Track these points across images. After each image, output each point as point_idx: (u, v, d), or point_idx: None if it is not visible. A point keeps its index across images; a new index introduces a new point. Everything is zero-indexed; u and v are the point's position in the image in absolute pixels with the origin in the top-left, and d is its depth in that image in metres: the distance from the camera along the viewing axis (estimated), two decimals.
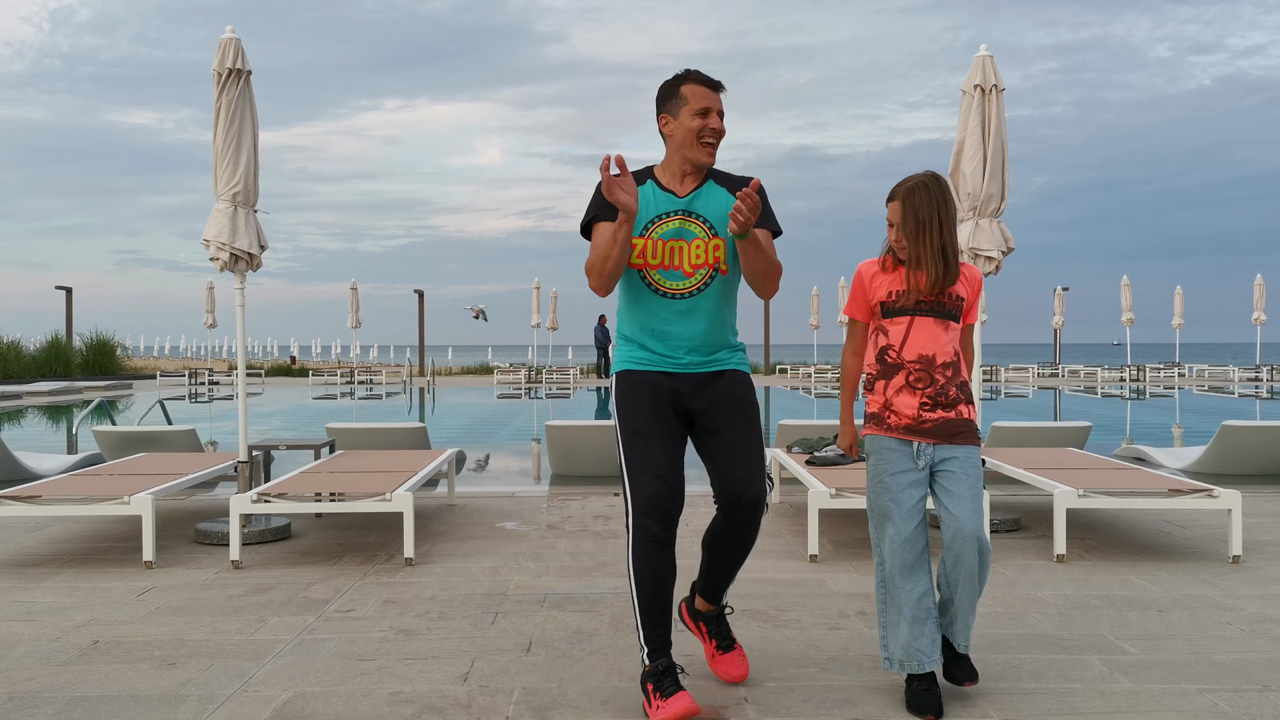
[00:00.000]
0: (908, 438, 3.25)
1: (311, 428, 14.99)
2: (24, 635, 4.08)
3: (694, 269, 3.33)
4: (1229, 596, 4.62)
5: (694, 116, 3.31)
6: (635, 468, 3.21)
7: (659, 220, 3.33)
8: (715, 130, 3.32)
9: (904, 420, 3.25)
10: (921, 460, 3.24)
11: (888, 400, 3.28)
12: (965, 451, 3.25)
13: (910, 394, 3.25)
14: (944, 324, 3.27)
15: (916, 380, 3.25)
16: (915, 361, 3.25)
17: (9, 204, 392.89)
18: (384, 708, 3.26)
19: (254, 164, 6.01)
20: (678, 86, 3.34)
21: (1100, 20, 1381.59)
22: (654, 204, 3.35)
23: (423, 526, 6.35)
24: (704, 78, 3.34)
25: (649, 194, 3.36)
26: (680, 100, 3.33)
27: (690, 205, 3.34)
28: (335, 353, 52.37)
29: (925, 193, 3.24)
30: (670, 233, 3.32)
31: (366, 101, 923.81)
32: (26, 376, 29.63)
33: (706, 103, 3.30)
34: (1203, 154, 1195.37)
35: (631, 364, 3.39)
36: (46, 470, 8.98)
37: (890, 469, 3.24)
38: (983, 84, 6.00)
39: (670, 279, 3.33)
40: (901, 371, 3.26)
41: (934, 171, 3.31)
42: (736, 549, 3.37)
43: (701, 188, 3.37)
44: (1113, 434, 13.83)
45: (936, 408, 3.24)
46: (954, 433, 3.25)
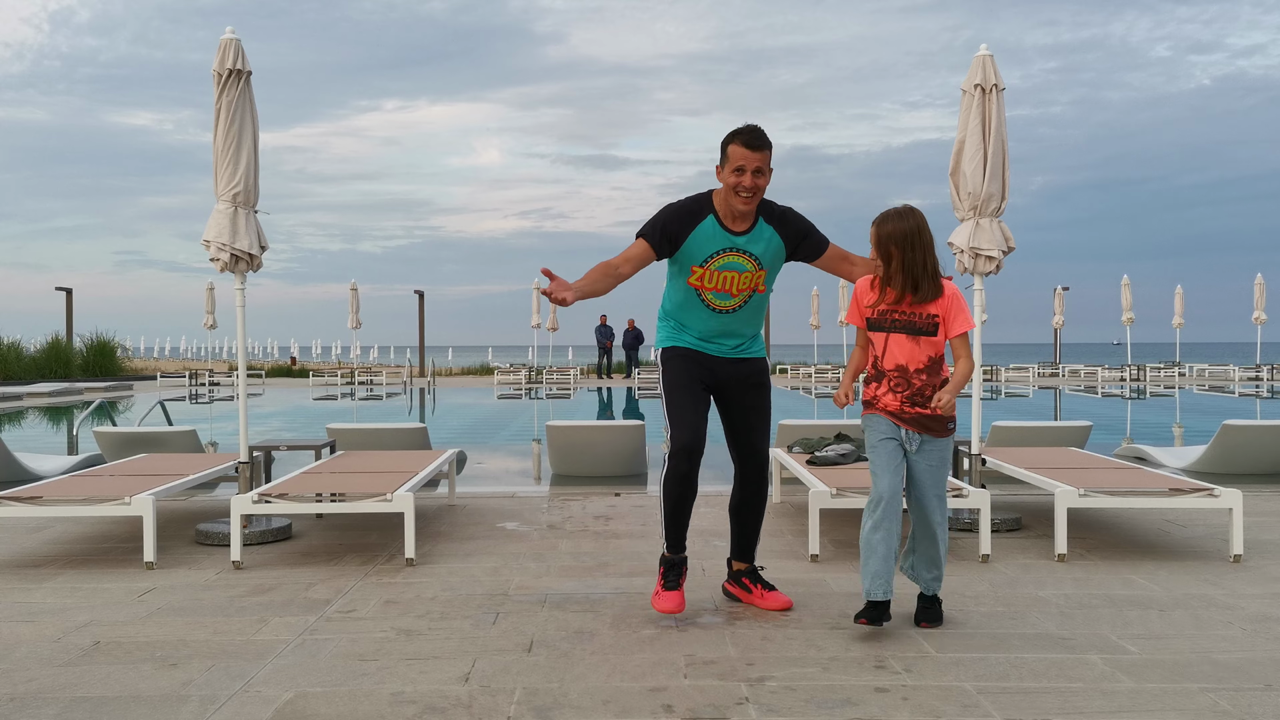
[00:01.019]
0: (894, 420, 3.96)
1: (312, 428, 14.99)
2: (25, 636, 4.08)
3: (740, 292, 4.16)
4: (1230, 596, 4.62)
5: (732, 173, 3.99)
6: (674, 418, 4.11)
7: (718, 254, 4.10)
8: (748, 187, 3.97)
9: (890, 409, 3.95)
10: (910, 444, 3.96)
11: (877, 396, 3.99)
12: (936, 444, 3.97)
13: (893, 395, 3.95)
14: (915, 339, 3.90)
15: (896, 385, 3.94)
16: (893, 370, 3.94)
17: (9, 205, 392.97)
18: (385, 708, 3.26)
19: (254, 165, 6.00)
20: (727, 144, 4.01)
21: (1099, 20, 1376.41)
22: (714, 239, 4.08)
23: (423, 527, 6.35)
24: (748, 138, 3.96)
25: (709, 229, 4.07)
26: (726, 157, 4.01)
27: (744, 245, 4.11)
28: (335, 353, 52.37)
29: (899, 221, 3.83)
30: (726, 265, 4.12)
31: (366, 102, 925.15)
32: (27, 378, 29.62)
33: (742, 161, 3.95)
34: (1203, 153, 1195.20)
35: (676, 342, 4.26)
36: (47, 471, 8.98)
37: (880, 435, 3.96)
38: (983, 83, 6.00)
39: (720, 299, 4.16)
40: (885, 378, 3.96)
41: (910, 205, 3.89)
42: (753, 511, 4.37)
43: (754, 228, 4.11)
44: (1113, 434, 13.83)
45: (914, 405, 3.92)
46: (929, 426, 3.95)
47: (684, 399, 4.12)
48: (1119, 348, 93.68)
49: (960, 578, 4.97)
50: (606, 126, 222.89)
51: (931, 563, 4.08)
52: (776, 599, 4.37)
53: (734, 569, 4.48)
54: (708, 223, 4.07)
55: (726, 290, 4.13)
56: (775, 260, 4.20)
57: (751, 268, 4.12)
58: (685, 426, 4.07)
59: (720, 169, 4.04)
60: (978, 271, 6.10)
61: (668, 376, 4.21)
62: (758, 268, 4.14)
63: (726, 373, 4.25)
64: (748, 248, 4.10)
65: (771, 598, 4.38)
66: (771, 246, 4.14)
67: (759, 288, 4.19)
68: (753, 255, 4.11)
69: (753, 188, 3.98)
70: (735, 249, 4.09)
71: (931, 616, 4.10)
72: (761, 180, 3.99)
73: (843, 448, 6.66)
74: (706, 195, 4.14)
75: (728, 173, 3.99)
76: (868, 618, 3.91)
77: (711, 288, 4.12)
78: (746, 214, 4.07)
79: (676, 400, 4.14)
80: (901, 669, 3.60)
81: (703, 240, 4.08)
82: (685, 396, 4.13)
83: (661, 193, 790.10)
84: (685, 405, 4.12)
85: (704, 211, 4.08)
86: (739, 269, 4.11)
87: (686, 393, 4.14)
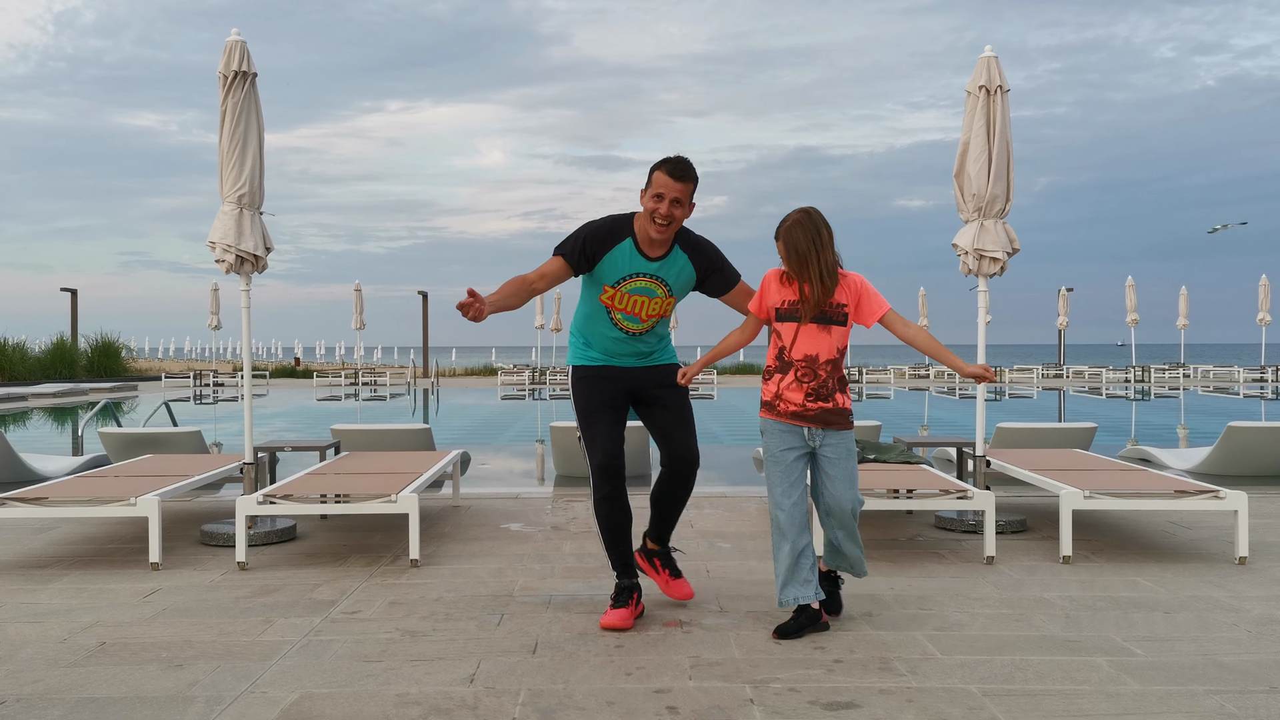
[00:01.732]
0: (794, 422, 3.97)
1: (315, 429, 15.01)
2: (31, 637, 4.09)
3: (649, 317, 4.21)
4: (1235, 598, 4.61)
5: (651, 199, 4.02)
6: (590, 443, 4.18)
7: (631, 278, 4.13)
8: (664, 215, 3.99)
9: (792, 407, 3.97)
10: (813, 441, 3.99)
11: (779, 392, 3.99)
12: (839, 437, 4.01)
13: (798, 387, 3.96)
14: (827, 329, 3.95)
15: (803, 375, 3.96)
16: (802, 360, 3.96)
17: (13, 206, 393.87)
18: (391, 709, 3.26)
19: (259, 166, 6.01)
20: (653, 170, 4.03)
21: (1103, 21, 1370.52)
22: (629, 263, 4.11)
23: (428, 528, 6.36)
24: (672, 168, 3.99)
25: (626, 252, 4.10)
26: (649, 182, 4.04)
27: (658, 271, 4.15)
28: (339, 354, 52.44)
29: (800, 230, 3.89)
30: (638, 289, 4.15)
31: (369, 103, 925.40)
32: (32, 378, 29.67)
33: (663, 189, 3.98)
34: (1207, 154, 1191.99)
35: (584, 360, 4.31)
36: (52, 472, 9.00)
37: (781, 446, 3.99)
38: (987, 85, 5.99)
39: (629, 321, 4.20)
40: (792, 369, 3.97)
41: (807, 207, 3.96)
42: (677, 500, 4.30)
43: (669, 255, 4.15)
44: (1118, 435, 13.81)
45: (818, 399, 3.96)
46: (831, 421, 3.98)
47: (597, 422, 4.17)
48: (1123, 349, 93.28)
49: (965, 579, 4.96)
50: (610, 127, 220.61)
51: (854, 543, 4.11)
52: (680, 588, 4.40)
53: (648, 546, 4.46)
54: (625, 245, 4.10)
55: (635, 314, 4.18)
56: (685, 289, 4.25)
57: (662, 294, 4.17)
58: (600, 450, 4.12)
59: (643, 192, 4.06)
60: (982, 273, 6.10)
61: (579, 401, 4.26)
62: (668, 294, 4.19)
63: (639, 381, 4.28)
64: (660, 274, 4.14)
65: (676, 585, 4.40)
66: (684, 275, 4.19)
67: (666, 313, 4.25)
68: (664, 282, 4.16)
69: (668, 216, 4.00)
70: (648, 275, 4.13)
71: (835, 607, 4.20)
72: (679, 211, 4.02)
73: None
74: (628, 217, 4.14)
75: (648, 197, 4.02)
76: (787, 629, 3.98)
77: (621, 309, 4.16)
78: (662, 241, 4.09)
79: (590, 425, 4.19)
80: (906, 671, 3.60)
81: (618, 262, 4.11)
82: (598, 420, 4.17)
83: None
84: (599, 428, 4.16)
85: (623, 234, 4.11)
86: (649, 294, 4.16)
87: (599, 416, 4.18)
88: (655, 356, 4.33)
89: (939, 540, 5.95)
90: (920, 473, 6.12)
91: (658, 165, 4.04)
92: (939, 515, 6.42)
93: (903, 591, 4.73)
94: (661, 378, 4.31)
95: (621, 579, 4.21)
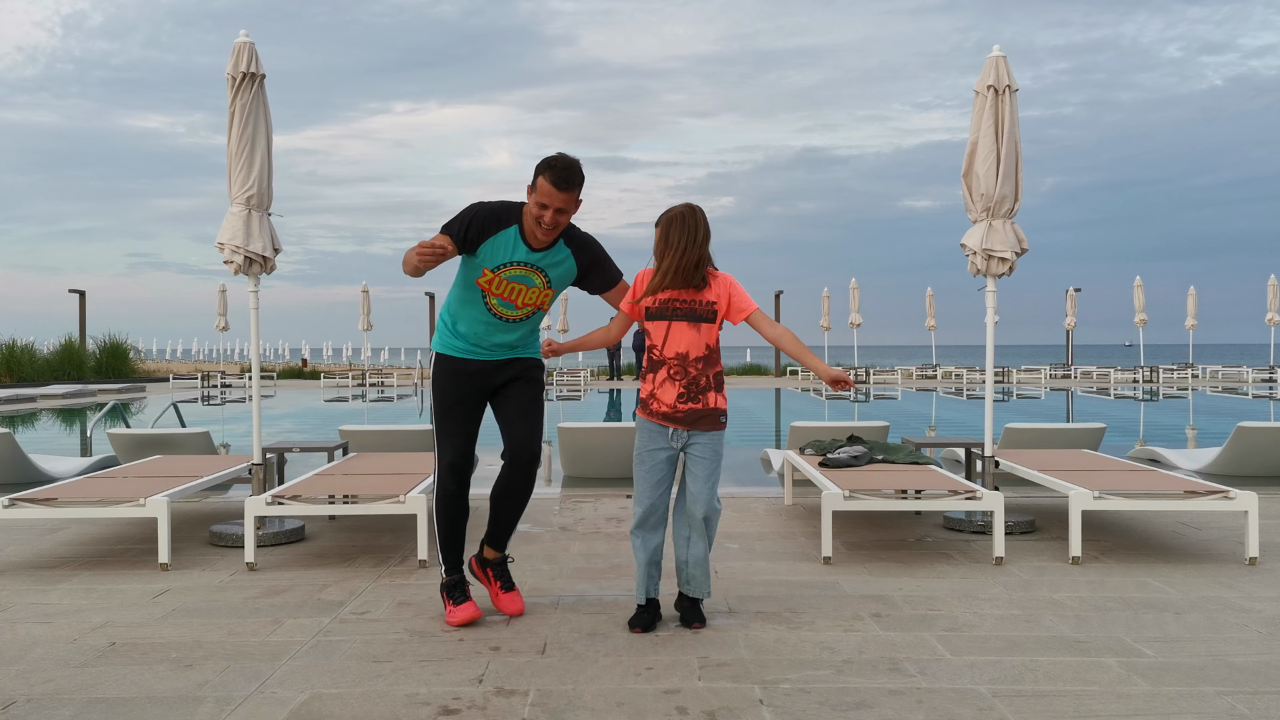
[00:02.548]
0: (664, 423, 4.02)
1: (323, 430, 15.03)
2: (41, 637, 4.10)
3: (524, 305, 4.19)
4: (1246, 599, 4.59)
5: (536, 205, 3.99)
6: (441, 440, 4.23)
7: (511, 265, 4.11)
8: (549, 223, 3.99)
9: (663, 408, 4.01)
10: (675, 441, 4.03)
11: (653, 391, 4.03)
12: (707, 437, 4.03)
13: (671, 385, 3.99)
14: (696, 326, 3.97)
15: (675, 374, 3.99)
16: (673, 358, 3.98)
17: (22, 208, 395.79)
18: (400, 709, 3.26)
19: (268, 167, 6.02)
20: (539, 173, 3.97)
21: (1110, 20, 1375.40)
22: (511, 249, 4.09)
23: None
24: (557, 176, 3.93)
25: (510, 239, 4.08)
26: (535, 185, 3.99)
27: (539, 261, 4.14)
28: (346, 355, 52.50)
29: (680, 223, 3.93)
30: (516, 276, 4.13)
31: (376, 105, 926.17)
32: (40, 380, 29.75)
33: (547, 199, 3.95)
34: (1215, 154, 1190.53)
35: (449, 349, 4.27)
36: (61, 473, 9.02)
37: (649, 445, 4.05)
38: (996, 84, 5.98)
39: (504, 308, 4.18)
40: (664, 366, 3.99)
41: (693, 204, 3.99)
42: (516, 500, 4.29)
43: (553, 247, 4.14)
44: (1126, 436, 13.77)
45: (689, 399, 3.99)
46: (699, 420, 4.01)
47: (450, 420, 4.21)
48: (1132, 349, 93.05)
49: (974, 580, 4.95)
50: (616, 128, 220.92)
51: (699, 567, 4.13)
52: (511, 602, 4.36)
53: (484, 554, 4.43)
54: (510, 232, 4.09)
55: (511, 301, 4.16)
56: (564, 281, 4.24)
57: (540, 284, 4.17)
58: (451, 447, 4.19)
59: (530, 190, 4.02)
60: (991, 273, 6.09)
61: (436, 394, 4.27)
62: (546, 285, 4.19)
63: (497, 378, 4.29)
64: (541, 264, 4.14)
65: (507, 599, 4.37)
66: (564, 268, 4.20)
67: (543, 306, 4.24)
68: (544, 273, 4.16)
69: (553, 224, 4.01)
70: (529, 265, 4.13)
71: (699, 616, 4.17)
72: (564, 218, 4.02)
73: (855, 449, 6.65)
74: (517, 205, 4.13)
75: (533, 202, 4.00)
76: (638, 624, 4.10)
77: (498, 294, 4.15)
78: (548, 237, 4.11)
79: (443, 422, 4.22)
80: (916, 671, 3.59)
81: (500, 247, 4.09)
82: (452, 418, 4.21)
83: (671, 194, 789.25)
84: (451, 426, 4.21)
85: (509, 221, 4.09)
86: (528, 283, 4.15)
87: (453, 414, 4.21)
88: (519, 349, 4.31)
89: (947, 541, 5.94)
90: (928, 473, 6.11)
91: (543, 169, 3.97)
92: (947, 516, 6.40)
93: (911, 592, 4.72)
94: (520, 370, 4.31)
95: (451, 574, 4.28)
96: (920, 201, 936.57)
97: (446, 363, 4.26)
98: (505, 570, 4.42)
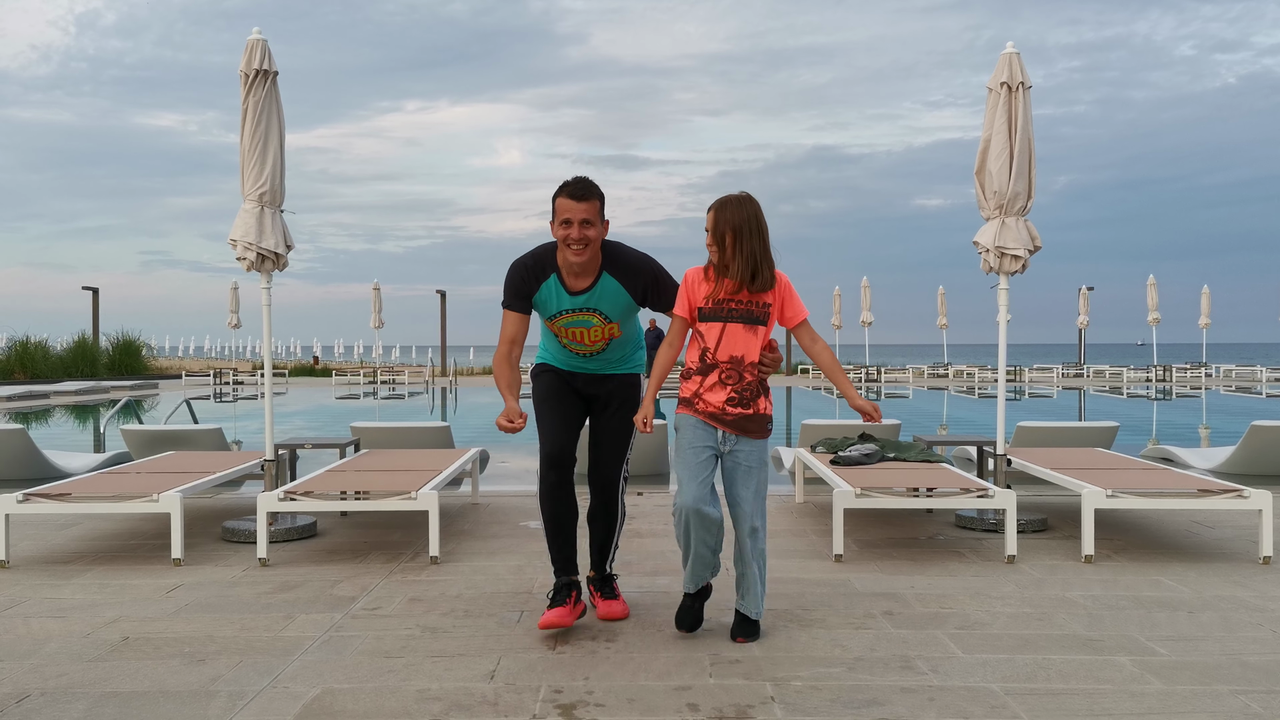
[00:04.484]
0: (710, 423, 3.81)
1: (334, 427, 15.07)
2: (55, 632, 4.12)
3: (594, 342, 4.16)
4: (1260, 598, 4.57)
5: (559, 227, 3.92)
6: (541, 429, 4.12)
7: (564, 314, 4.09)
8: (576, 239, 3.89)
9: (710, 409, 3.80)
10: (724, 445, 3.82)
11: (699, 392, 3.83)
12: (754, 445, 3.83)
13: (721, 389, 3.79)
14: (753, 329, 3.77)
15: (727, 378, 3.79)
16: (727, 362, 3.78)
17: (36, 206, 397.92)
18: (412, 704, 3.27)
19: (280, 164, 6.03)
20: (554, 198, 3.94)
21: (1123, 19, 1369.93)
22: (558, 299, 4.07)
23: (447, 525, 6.37)
24: (572, 189, 3.90)
25: (552, 289, 4.06)
26: (553, 212, 3.94)
27: (585, 304, 4.07)
28: (357, 353, 52.64)
29: (738, 207, 3.70)
30: (573, 322, 4.11)
31: (387, 103, 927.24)
32: (54, 377, 29.91)
33: (568, 214, 3.88)
34: (1228, 152, 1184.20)
35: (543, 359, 4.31)
36: (75, 469, 9.06)
37: (693, 443, 3.81)
38: (1009, 81, 5.96)
39: (575, 345, 4.18)
40: (716, 370, 3.79)
41: (748, 192, 3.77)
42: (599, 522, 4.24)
43: (597, 284, 4.04)
44: (1139, 434, 13.71)
45: (740, 404, 3.78)
46: (747, 425, 3.80)
47: (549, 410, 4.14)
48: (1144, 348, 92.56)
49: (986, 578, 4.94)
50: (627, 127, 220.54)
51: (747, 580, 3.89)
52: (607, 607, 4.22)
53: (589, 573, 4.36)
54: (550, 283, 4.05)
55: (580, 340, 4.15)
56: (626, 311, 4.12)
57: (599, 322, 4.10)
58: (549, 438, 4.07)
59: (552, 224, 3.96)
60: (1004, 271, 6.06)
61: (536, 390, 4.26)
62: (605, 321, 4.10)
63: (592, 390, 4.25)
64: (589, 305, 4.06)
65: (604, 605, 4.24)
66: (619, 301, 4.07)
67: (614, 335, 4.16)
68: (598, 311, 4.08)
69: (581, 239, 3.89)
70: (579, 309, 4.07)
71: (748, 631, 3.92)
72: (591, 231, 3.90)
73: (866, 448, 6.63)
74: (551, 249, 4.06)
75: (557, 226, 3.93)
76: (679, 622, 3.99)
77: (566, 337, 4.16)
78: (585, 267, 3.99)
79: (543, 412, 4.16)
80: (928, 669, 3.58)
81: (547, 300, 4.07)
82: (550, 408, 4.14)
83: (682, 192, 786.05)
84: (550, 416, 4.13)
85: (547, 270, 4.05)
86: (586, 325, 4.10)
87: (552, 404, 4.15)
88: (617, 365, 4.26)
89: (959, 539, 5.93)
90: (940, 471, 6.10)
91: (558, 192, 3.94)
92: (959, 514, 6.39)
93: (923, 590, 4.71)
94: (615, 387, 4.24)
95: (561, 575, 4.09)
96: (932, 200, 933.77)
97: (544, 366, 4.29)
98: (606, 583, 4.30)
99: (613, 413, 4.22)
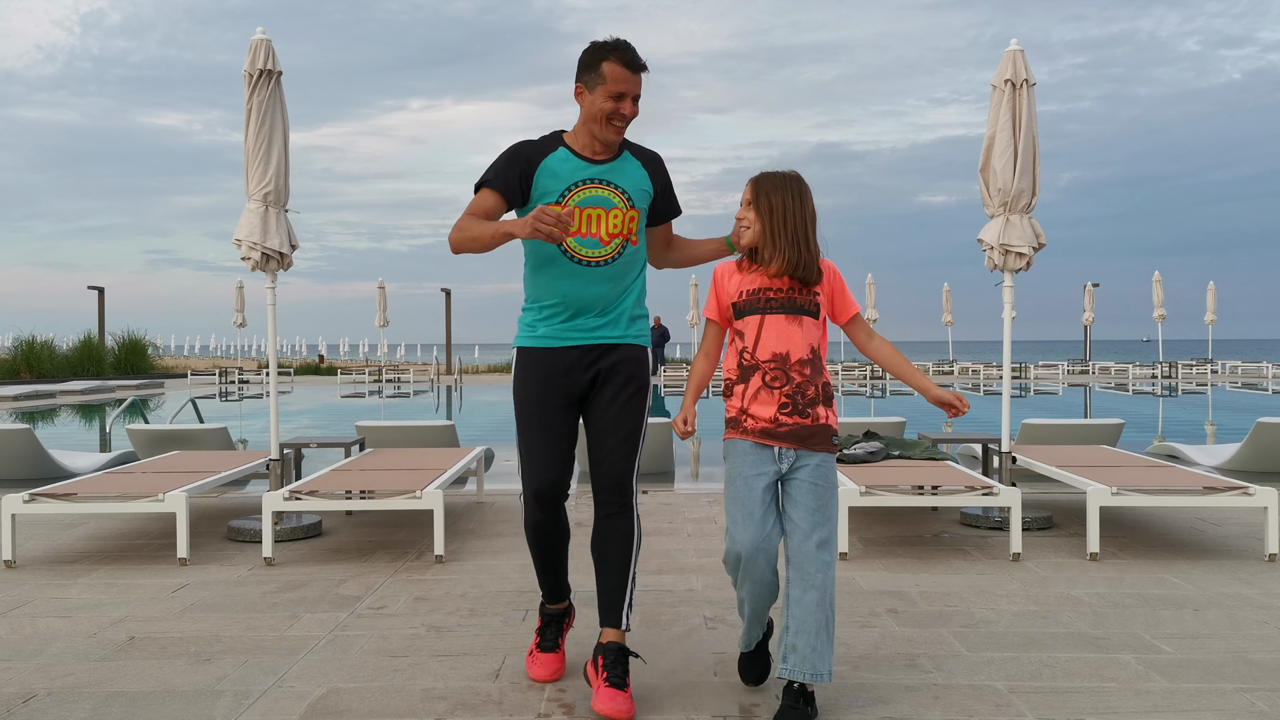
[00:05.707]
0: (765, 441, 3.13)
1: (340, 426, 15.09)
2: (61, 631, 4.13)
3: (610, 237, 3.31)
4: (1266, 595, 4.56)
5: (608, 98, 3.25)
6: (525, 454, 3.40)
7: (581, 186, 3.31)
8: (627, 115, 3.28)
9: (761, 424, 3.13)
10: (783, 463, 3.13)
11: (744, 407, 3.16)
12: (819, 459, 3.13)
13: (768, 395, 3.12)
14: (797, 319, 3.13)
15: (773, 380, 3.12)
16: (770, 360, 3.12)
17: (41, 205, 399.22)
18: (417, 703, 3.27)
19: (285, 164, 6.04)
20: (600, 61, 3.26)
21: (1128, 15, 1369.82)
22: (571, 170, 3.32)
23: (452, 524, 6.38)
24: (627, 58, 3.24)
25: (562, 160, 3.32)
26: (598, 77, 3.26)
27: (608, 174, 3.33)
28: (363, 351, 52.71)
29: (784, 181, 3.15)
30: (591, 199, 3.30)
31: (392, 102, 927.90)
32: (60, 376, 29.98)
33: (623, 87, 3.24)
34: (1234, 148, 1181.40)
35: (531, 340, 3.39)
36: (81, 468, 9.08)
37: (745, 472, 3.13)
38: (1013, 78, 5.95)
39: (587, 246, 3.30)
40: (758, 372, 3.14)
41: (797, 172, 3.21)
42: (608, 550, 3.38)
43: (618, 158, 3.37)
44: (1145, 431, 13.69)
45: (794, 412, 3.11)
46: (808, 437, 3.12)
47: (537, 434, 3.35)
48: (1150, 345, 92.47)
49: (991, 576, 4.93)
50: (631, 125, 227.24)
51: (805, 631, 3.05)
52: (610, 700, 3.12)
53: (600, 638, 3.32)
54: (560, 153, 3.33)
55: (595, 235, 3.29)
56: (644, 199, 3.39)
57: (621, 203, 3.32)
58: (537, 471, 3.35)
59: (583, 91, 3.29)
60: (1008, 268, 6.06)
61: (516, 400, 3.42)
62: (628, 205, 3.33)
63: (589, 373, 3.36)
64: (611, 177, 3.33)
65: (606, 695, 3.14)
66: (639, 182, 3.38)
67: (631, 237, 3.34)
68: (620, 189, 3.33)
69: (632, 116, 3.30)
70: (597, 180, 3.31)
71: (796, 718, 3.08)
72: (636, 111, 3.31)
73: (871, 445, 6.63)
74: (551, 133, 3.43)
75: (602, 97, 3.24)
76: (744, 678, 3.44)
77: (577, 230, 3.29)
78: (612, 145, 3.34)
79: (525, 437, 3.38)
80: (932, 667, 3.58)
81: (558, 170, 3.31)
82: (539, 433, 3.35)
83: (686, 190, 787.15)
84: (537, 442, 3.35)
85: (553, 144, 3.36)
86: (606, 204, 3.30)
87: (540, 427, 3.35)
88: (618, 321, 3.38)
89: (964, 537, 5.92)
90: (945, 469, 6.09)
91: (604, 55, 3.25)
92: (964, 512, 6.38)
93: (928, 588, 4.71)
94: (617, 361, 3.37)
95: (552, 603, 3.58)
96: (936, 197, 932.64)
97: (527, 357, 3.39)
98: (618, 661, 3.22)
99: (618, 390, 3.35)
